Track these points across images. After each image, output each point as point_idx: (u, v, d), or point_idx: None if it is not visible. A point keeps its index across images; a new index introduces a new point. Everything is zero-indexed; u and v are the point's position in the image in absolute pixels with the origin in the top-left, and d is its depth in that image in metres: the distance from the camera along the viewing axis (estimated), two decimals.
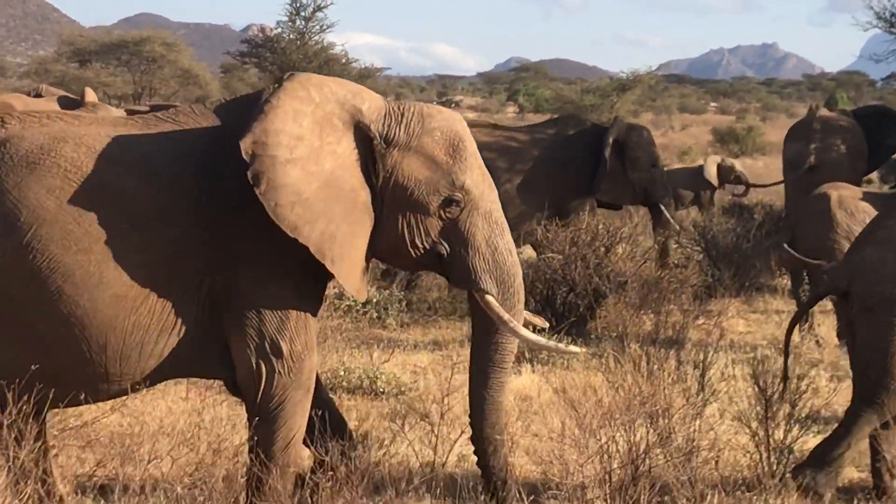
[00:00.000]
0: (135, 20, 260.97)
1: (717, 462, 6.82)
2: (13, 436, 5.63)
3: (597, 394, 6.70)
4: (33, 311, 5.58)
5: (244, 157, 5.60)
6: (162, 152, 5.81)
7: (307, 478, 6.07)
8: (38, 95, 11.40)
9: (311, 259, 5.74)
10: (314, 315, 5.97)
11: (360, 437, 6.81)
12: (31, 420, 5.62)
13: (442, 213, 6.01)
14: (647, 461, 6.10)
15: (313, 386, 6.00)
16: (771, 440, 6.88)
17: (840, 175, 13.33)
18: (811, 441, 7.09)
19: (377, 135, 5.92)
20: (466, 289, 6.21)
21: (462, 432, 6.94)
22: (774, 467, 6.78)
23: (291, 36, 26.49)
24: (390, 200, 5.97)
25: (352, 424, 7.40)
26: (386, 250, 6.10)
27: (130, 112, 12.26)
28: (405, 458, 7.07)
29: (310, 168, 5.75)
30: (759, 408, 7.02)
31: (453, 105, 68.03)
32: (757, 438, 6.92)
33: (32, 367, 5.48)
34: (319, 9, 26.56)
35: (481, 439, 6.29)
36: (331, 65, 25.57)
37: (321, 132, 5.82)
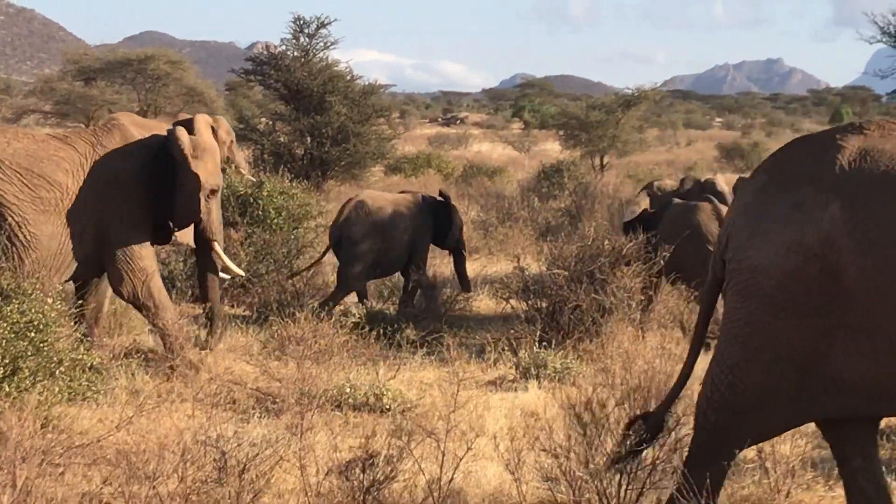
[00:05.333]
0: (140, 38, 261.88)
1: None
2: None
3: (604, 409, 6.69)
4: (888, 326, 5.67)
5: None
6: None
7: None
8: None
9: None
10: None
11: (367, 454, 6.80)
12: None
13: None
14: (654, 475, 6.09)
15: None
16: (776, 454, 6.87)
17: None
18: (817, 455, 7.08)
19: None
20: None
21: (468, 449, 6.93)
22: (780, 482, 6.77)
23: (296, 53, 26.44)
24: None
25: (357, 441, 7.41)
26: None
27: None
28: (411, 475, 7.06)
29: None
30: None
31: (458, 121, 68.13)
32: (763, 453, 6.91)
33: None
34: (323, 25, 26.50)
35: None
36: (335, 81, 25.51)
37: None
